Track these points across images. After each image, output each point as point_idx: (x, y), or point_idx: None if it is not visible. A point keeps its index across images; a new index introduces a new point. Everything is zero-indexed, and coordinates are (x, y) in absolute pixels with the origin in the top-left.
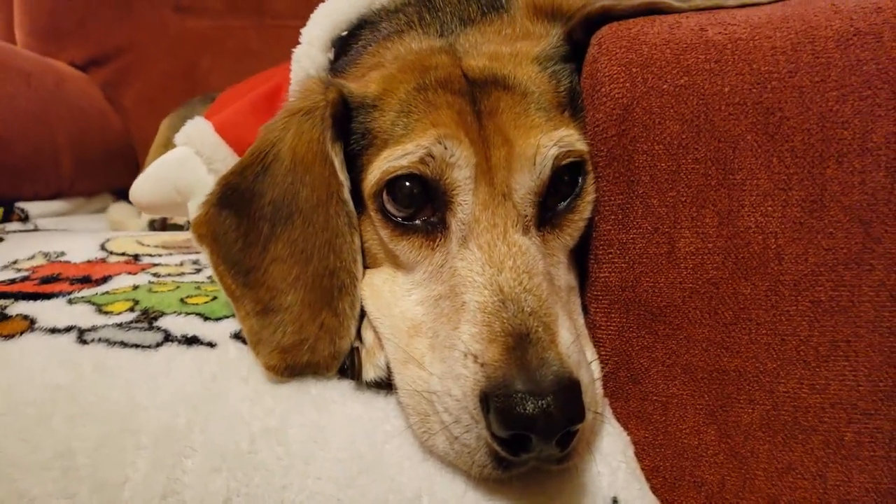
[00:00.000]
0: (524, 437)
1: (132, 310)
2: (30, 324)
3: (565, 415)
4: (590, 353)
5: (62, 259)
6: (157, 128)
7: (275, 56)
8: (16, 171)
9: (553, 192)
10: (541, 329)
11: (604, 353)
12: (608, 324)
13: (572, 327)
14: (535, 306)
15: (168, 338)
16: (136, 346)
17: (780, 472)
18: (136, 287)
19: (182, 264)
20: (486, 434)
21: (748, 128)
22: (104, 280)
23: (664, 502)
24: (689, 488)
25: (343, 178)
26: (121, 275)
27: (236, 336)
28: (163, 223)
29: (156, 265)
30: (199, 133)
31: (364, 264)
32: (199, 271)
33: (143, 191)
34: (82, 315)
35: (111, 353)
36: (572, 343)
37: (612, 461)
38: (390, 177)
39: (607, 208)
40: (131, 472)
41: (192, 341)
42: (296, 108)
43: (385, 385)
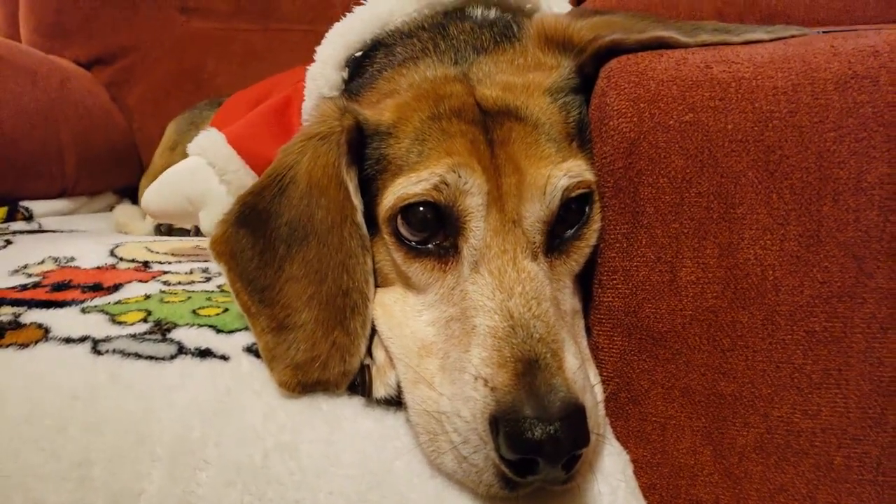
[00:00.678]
0: (531, 460)
1: (145, 320)
2: (44, 333)
3: (572, 440)
4: (593, 376)
5: (72, 264)
6: (160, 128)
7: (279, 60)
8: (20, 169)
9: (561, 220)
10: (549, 355)
11: (606, 375)
12: (611, 346)
13: (577, 352)
14: (544, 332)
15: (182, 350)
16: (151, 357)
17: (772, 492)
18: (147, 296)
19: (192, 272)
20: (495, 455)
21: (749, 164)
22: (115, 288)
23: None
24: None
25: (357, 202)
26: (131, 282)
27: (248, 350)
28: (169, 227)
29: (166, 273)
30: (211, 144)
31: (376, 284)
32: (208, 280)
33: (155, 199)
34: (96, 325)
35: (126, 365)
36: (578, 369)
37: (612, 480)
38: (405, 203)
39: (612, 236)
40: (147, 484)
41: (205, 354)
42: (312, 133)
43: (394, 402)
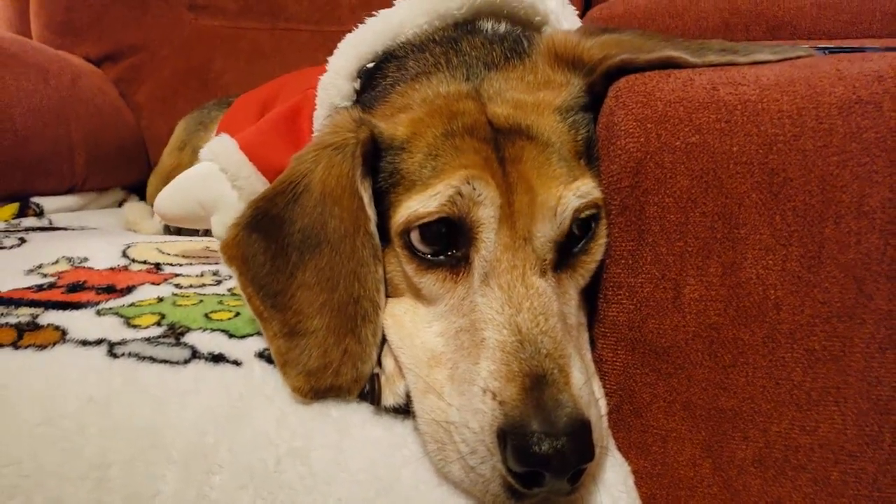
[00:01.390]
0: (538, 473)
1: (159, 324)
2: (61, 335)
3: (577, 455)
4: (597, 390)
5: (86, 265)
6: (168, 125)
7: (286, 59)
8: (32, 167)
9: (569, 236)
10: (556, 371)
11: (609, 387)
12: (614, 359)
13: (583, 367)
14: (551, 348)
15: (195, 354)
16: (165, 361)
17: None
18: (160, 299)
19: (202, 275)
20: (502, 467)
21: (753, 186)
22: (129, 290)
23: None
24: None
25: (371, 212)
26: (144, 285)
27: (260, 355)
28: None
29: (177, 275)
30: (224, 150)
31: (386, 293)
32: (219, 283)
33: (168, 204)
34: (112, 328)
35: (141, 368)
36: (584, 384)
37: (614, 491)
38: (421, 222)
39: (618, 252)
40: (162, 486)
41: (218, 359)
42: (327, 143)
43: (403, 411)
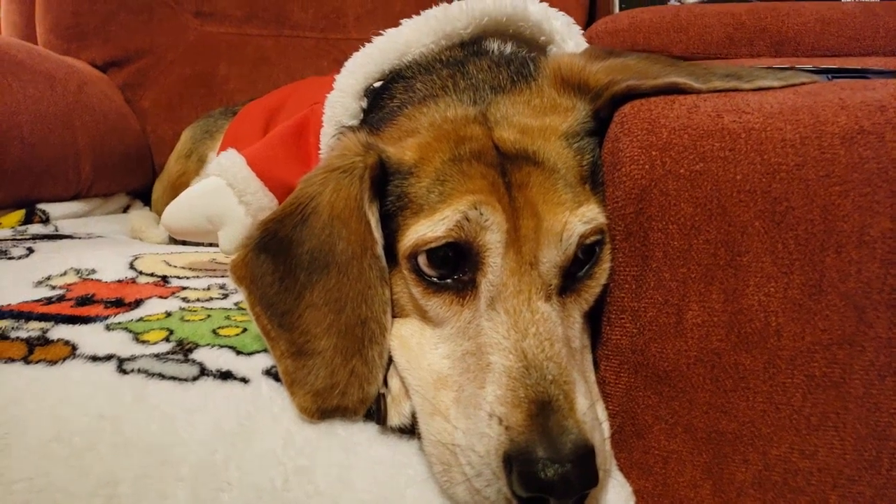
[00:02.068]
0: (542, 498)
1: (168, 340)
2: (71, 350)
3: (582, 481)
4: (601, 413)
5: (94, 277)
6: (173, 130)
7: (291, 66)
8: (38, 174)
9: (574, 261)
10: (561, 397)
11: (612, 409)
12: (617, 381)
13: (587, 391)
14: (556, 373)
15: (204, 371)
16: (174, 378)
17: None
18: (168, 314)
19: (209, 288)
20: (507, 491)
21: (756, 215)
22: (137, 304)
23: None
24: None
25: (378, 235)
26: (152, 298)
27: (268, 373)
28: None
29: (184, 289)
30: (232, 165)
31: (392, 314)
32: (225, 296)
33: (175, 218)
34: (121, 343)
35: (150, 385)
36: (588, 409)
37: None
38: (428, 246)
39: (622, 277)
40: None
41: (226, 376)
42: (335, 166)
43: (408, 431)
